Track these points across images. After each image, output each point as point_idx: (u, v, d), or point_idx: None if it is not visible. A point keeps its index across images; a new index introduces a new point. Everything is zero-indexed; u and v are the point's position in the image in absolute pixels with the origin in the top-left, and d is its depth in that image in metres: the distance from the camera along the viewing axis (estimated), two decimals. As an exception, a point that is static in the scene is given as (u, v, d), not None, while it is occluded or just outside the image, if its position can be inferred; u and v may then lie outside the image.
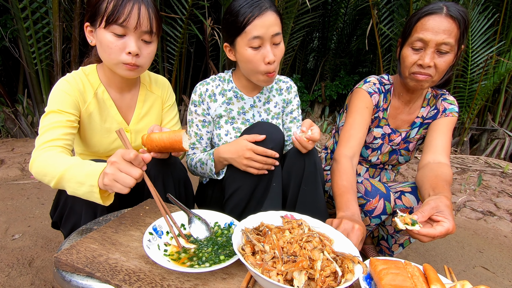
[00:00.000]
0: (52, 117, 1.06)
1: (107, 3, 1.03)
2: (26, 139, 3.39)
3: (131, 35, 1.06)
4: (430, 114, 1.42)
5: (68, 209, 1.02)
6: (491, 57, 3.96)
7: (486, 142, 4.29)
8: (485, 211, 2.48)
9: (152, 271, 0.76)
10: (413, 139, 1.47)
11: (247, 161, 1.15)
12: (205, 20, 3.92)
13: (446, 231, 0.96)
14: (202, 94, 1.34)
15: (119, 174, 0.82)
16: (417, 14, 1.22)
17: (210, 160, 1.27)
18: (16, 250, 1.58)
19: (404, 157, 1.51)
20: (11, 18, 3.23)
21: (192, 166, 1.38)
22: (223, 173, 1.29)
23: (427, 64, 1.18)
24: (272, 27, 1.17)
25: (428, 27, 1.17)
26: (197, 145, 1.39)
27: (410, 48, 1.23)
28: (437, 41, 1.16)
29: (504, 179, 3.19)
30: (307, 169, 1.21)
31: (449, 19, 1.15)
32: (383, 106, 1.41)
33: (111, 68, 1.13)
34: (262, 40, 1.17)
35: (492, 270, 1.77)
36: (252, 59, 1.20)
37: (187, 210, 0.95)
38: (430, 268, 0.81)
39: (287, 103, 1.46)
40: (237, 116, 1.38)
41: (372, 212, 1.27)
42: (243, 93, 1.38)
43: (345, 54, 5.69)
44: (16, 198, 2.12)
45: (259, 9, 1.15)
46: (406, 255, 1.83)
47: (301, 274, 0.69)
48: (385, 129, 1.45)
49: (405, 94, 1.39)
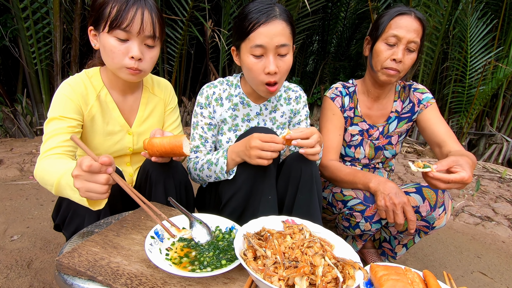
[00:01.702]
0: (53, 124, 1.08)
1: (111, 8, 1.04)
2: (25, 139, 3.38)
3: (134, 40, 1.07)
4: (406, 108, 1.51)
5: (71, 211, 1.02)
6: (490, 63, 3.99)
7: (484, 147, 4.31)
8: (483, 216, 2.49)
9: (154, 275, 0.76)
10: (394, 133, 1.54)
11: (256, 151, 1.04)
12: (205, 22, 3.93)
13: (461, 179, 1.01)
14: (208, 96, 1.31)
15: (87, 185, 0.79)
16: (387, 14, 1.33)
17: (223, 157, 1.18)
18: (14, 251, 1.58)
19: (389, 151, 1.56)
20: (12, 18, 3.23)
21: (197, 169, 1.29)
22: (234, 172, 1.20)
23: (400, 59, 1.29)
24: (277, 37, 1.10)
25: (402, 25, 1.29)
26: (201, 148, 1.34)
27: (384, 43, 1.33)
28: (409, 38, 1.28)
29: (502, 184, 3.21)
30: (303, 178, 1.18)
31: (417, 21, 1.29)
32: (350, 105, 1.51)
33: (114, 72, 1.13)
34: (265, 50, 1.12)
35: (490, 276, 1.78)
36: (252, 67, 1.16)
37: (189, 214, 0.95)
38: (430, 275, 0.82)
39: (294, 113, 1.42)
40: (241, 123, 1.35)
41: (372, 217, 1.28)
42: (250, 99, 1.34)
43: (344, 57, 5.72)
44: (14, 199, 2.12)
45: (267, 16, 1.09)
46: (405, 260, 1.84)
47: (303, 279, 0.70)
48: (361, 126, 1.53)
49: (373, 90, 1.48)
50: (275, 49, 1.12)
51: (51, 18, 3.21)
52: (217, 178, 1.23)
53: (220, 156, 1.20)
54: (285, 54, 1.15)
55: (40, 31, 3.24)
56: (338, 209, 1.40)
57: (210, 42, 4.35)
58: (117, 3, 1.03)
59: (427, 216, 1.28)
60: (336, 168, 1.38)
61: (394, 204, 1.16)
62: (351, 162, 1.58)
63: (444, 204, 1.27)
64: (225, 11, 4.32)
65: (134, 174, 1.34)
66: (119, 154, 1.29)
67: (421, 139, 4.54)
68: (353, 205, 1.30)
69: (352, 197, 1.31)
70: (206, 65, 4.52)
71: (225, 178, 1.21)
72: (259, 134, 1.06)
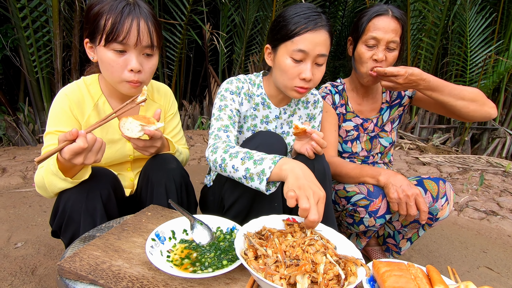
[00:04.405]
0: (49, 138, 1.11)
1: (105, 20, 1.02)
2: (27, 147, 3.40)
3: (131, 52, 1.06)
4: (394, 96, 1.56)
5: (66, 218, 1.02)
6: (490, 57, 3.97)
7: (487, 142, 4.28)
8: (488, 211, 2.47)
9: (155, 277, 0.76)
10: (387, 122, 1.57)
11: (314, 197, 0.84)
12: (204, 26, 3.95)
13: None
14: (239, 87, 1.28)
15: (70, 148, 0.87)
16: (366, 15, 1.35)
17: (272, 161, 0.94)
18: (18, 258, 1.58)
19: (385, 138, 1.58)
20: (12, 28, 3.26)
21: (228, 152, 1.04)
22: (275, 188, 1.00)
23: (381, 59, 1.32)
24: (320, 46, 1.13)
25: (379, 27, 1.31)
26: (230, 129, 1.18)
27: (364, 45, 1.36)
28: (387, 39, 1.31)
29: (506, 178, 3.19)
30: (316, 174, 1.08)
31: (395, 20, 1.31)
32: (341, 102, 1.54)
33: (114, 86, 1.13)
34: (305, 55, 1.13)
35: (497, 270, 1.76)
36: (288, 70, 1.16)
37: (189, 216, 0.95)
38: (434, 270, 0.81)
39: (310, 118, 1.42)
40: (260, 124, 1.34)
41: (376, 212, 1.27)
42: (271, 102, 1.33)
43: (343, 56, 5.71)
44: (18, 206, 2.13)
45: (314, 24, 1.11)
46: (409, 257, 1.82)
47: (304, 277, 0.69)
48: (355, 121, 1.55)
49: (360, 88, 1.53)
50: (315, 57, 1.14)
51: (51, 26, 3.24)
52: (249, 178, 0.97)
53: (268, 157, 0.97)
54: (322, 64, 1.18)
55: (40, 39, 3.26)
56: (341, 206, 1.39)
57: (209, 45, 4.37)
58: (112, 14, 1.02)
59: (430, 207, 1.29)
60: (340, 163, 1.39)
61: (407, 195, 1.17)
62: (349, 158, 1.58)
63: (446, 195, 1.28)
64: (223, 13, 4.34)
65: (135, 178, 1.34)
66: (120, 161, 1.29)
67: (423, 135, 4.52)
68: (356, 201, 1.30)
69: (356, 192, 1.31)
70: (206, 68, 4.54)
71: (256, 187, 0.97)
72: (324, 201, 0.86)
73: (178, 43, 4.08)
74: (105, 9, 1.03)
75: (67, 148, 0.86)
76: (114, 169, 1.26)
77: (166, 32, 4.04)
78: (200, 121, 4.53)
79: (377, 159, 1.61)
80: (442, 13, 3.91)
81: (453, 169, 3.39)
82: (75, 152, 0.87)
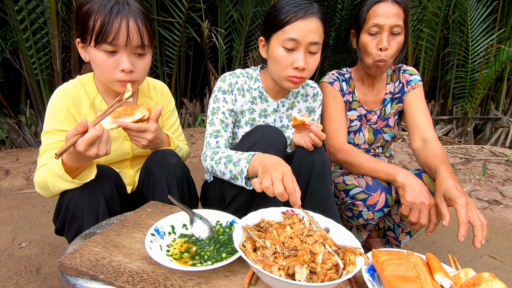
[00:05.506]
0: (47, 137, 1.11)
1: (94, 20, 1.00)
2: (30, 148, 3.42)
3: (122, 52, 1.04)
4: (397, 89, 1.53)
5: (70, 215, 1.03)
6: (492, 45, 3.92)
7: (490, 131, 4.25)
8: (491, 200, 2.46)
9: (155, 272, 0.76)
10: (390, 115, 1.55)
11: (277, 174, 0.88)
12: (202, 23, 3.94)
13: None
14: (231, 84, 1.29)
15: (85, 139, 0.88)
16: (365, 4, 1.33)
17: (246, 161, 1.02)
18: (23, 258, 1.60)
19: (388, 133, 1.56)
20: (11, 30, 3.27)
21: (214, 160, 1.14)
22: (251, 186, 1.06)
23: (386, 47, 1.30)
24: (311, 34, 1.12)
25: (381, 13, 1.29)
26: (221, 133, 1.24)
27: (367, 34, 1.33)
28: (390, 24, 1.28)
29: (509, 167, 3.16)
30: (316, 166, 1.16)
31: (395, 5, 1.29)
32: (348, 90, 1.51)
33: (107, 85, 1.13)
34: (297, 44, 1.12)
35: (500, 259, 1.76)
36: (281, 60, 1.15)
37: (189, 211, 0.95)
38: (433, 257, 0.81)
39: (310, 111, 1.41)
40: (258, 118, 1.34)
41: (375, 206, 1.27)
42: (268, 95, 1.33)
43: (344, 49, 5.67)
44: (22, 207, 2.14)
45: (304, 12, 1.11)
46: (412, 248, 1.82)
47: (303, 268, 0.69)
48: (359, 111, 1.53)
49: (367, 78, 1.51)
50: (307, 45, 1.14)
51: (49, 27, 3.24)
52: (234, 178, 1.08)
53: (243, 157, 1.04)
54: (315, 52, 1.17)
55: (39, 41, 3.27)
56: (341, 199, 1.39)
57: (208, 42, 4.36)
58: (100, 14, 1.00)
59: None
60: (353, 152, 1.32)
61: (423, 203, 1.10)
62: None
63: None
64: (221, 10, 4.32)
65: (136, 176, 1.35)
66: (119, 159, 1.29)
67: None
68: (355, 194, 1.29)
69: (354, 185, 1.31)
70: (205, 65, 4.53)
71: (242, 185, 1.07)
72: (291, 174, 0.90)
73: (177, 41, 4.07)
74: (94, 9, 1.01)
75: (81, 140, 0.87)
76: (114, 167, 1.26)
77: (165, 31, 4.04)
78: (201, 119, 4.53)
79: (378, 152, 1.60)
80: (443, 2, 3.86)
81: (455, 159, 3.37)
82: (90, 142, 0.88)
